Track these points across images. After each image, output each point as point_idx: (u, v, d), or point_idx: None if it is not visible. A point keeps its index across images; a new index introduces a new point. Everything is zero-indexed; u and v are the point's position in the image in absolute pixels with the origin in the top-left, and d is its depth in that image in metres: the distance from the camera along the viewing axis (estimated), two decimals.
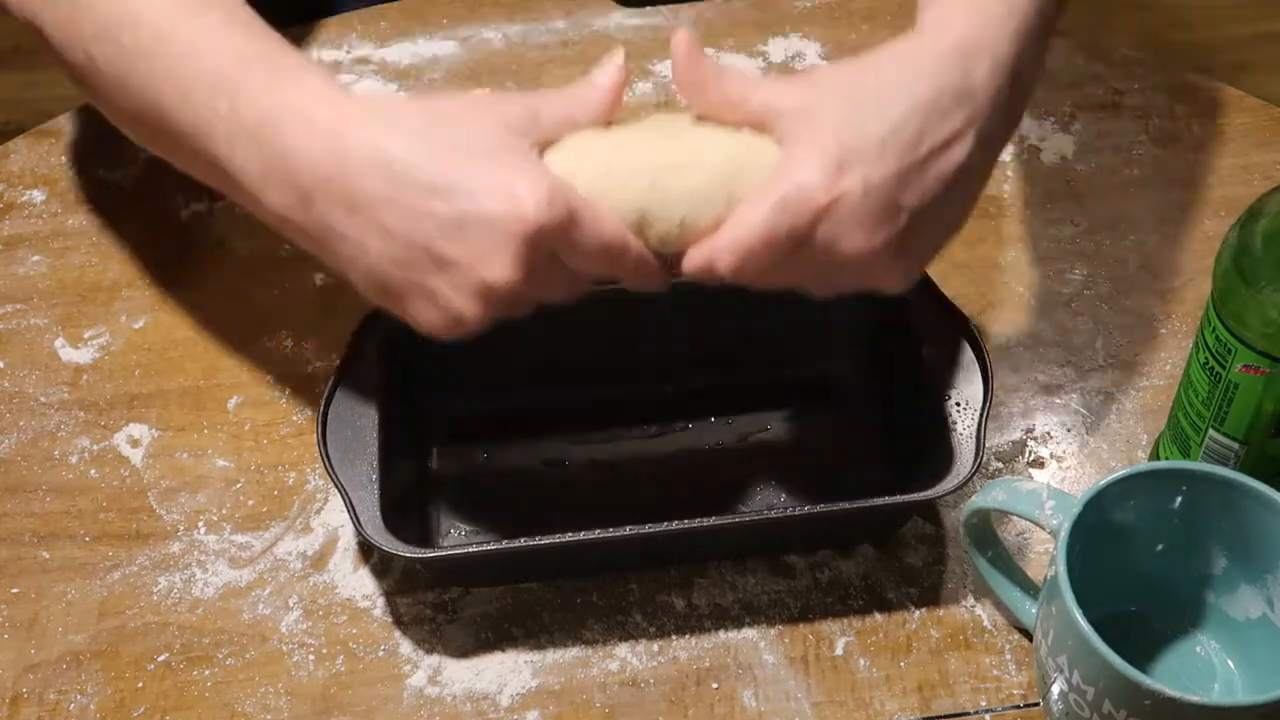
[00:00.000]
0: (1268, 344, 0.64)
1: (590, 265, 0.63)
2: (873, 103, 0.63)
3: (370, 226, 0.62)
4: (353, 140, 0.62)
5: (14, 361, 0.84)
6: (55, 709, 0.71)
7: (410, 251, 0.62)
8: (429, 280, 0.62)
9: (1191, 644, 0.69)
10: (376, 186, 0.62)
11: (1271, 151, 0.93)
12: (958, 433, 0.72)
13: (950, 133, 0.63)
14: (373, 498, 0.71)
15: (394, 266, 0.63)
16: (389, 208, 0.62)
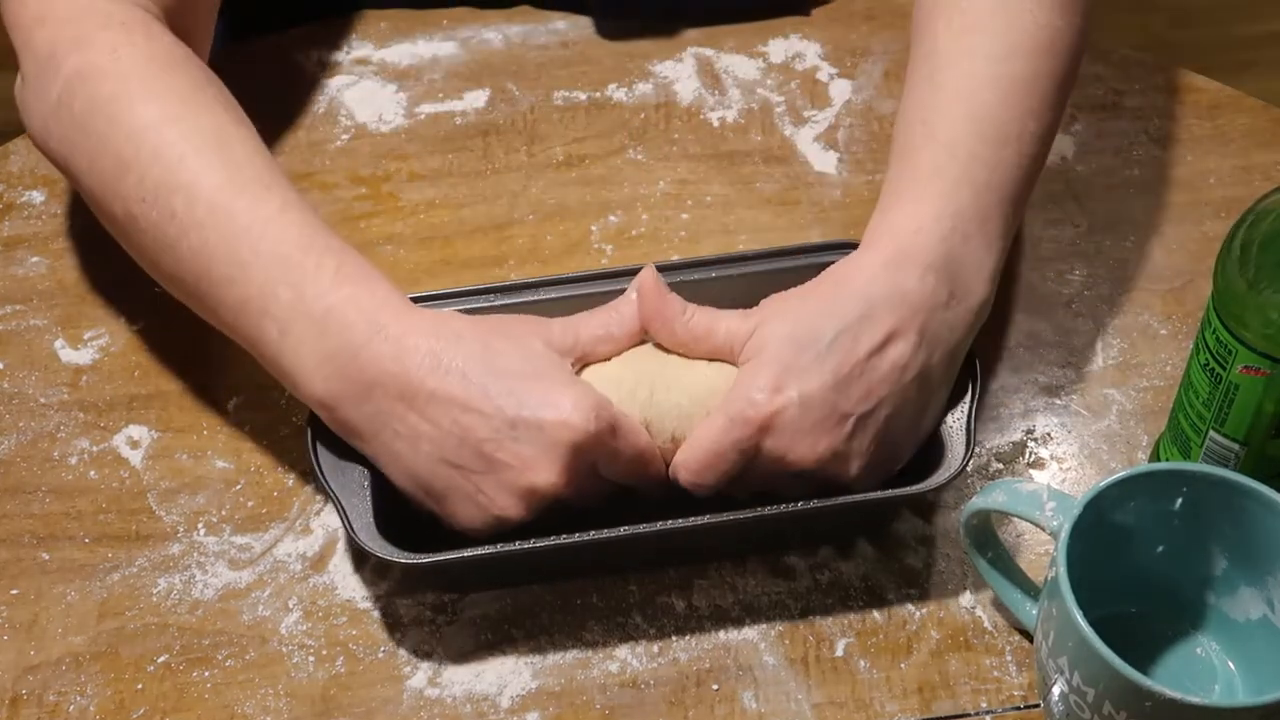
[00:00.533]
0: (1268, 345, 0.64)
1: (623, 473, 0.69)
2: (809, 321, 0.69)
3: (425, 425, 0.67)
4: (417, 346, 0.68)
5: (14, 362, 0.84)
6: (55, 710, 0.71)
7: (462, 450, 0.67)
8: (476, 479, 0.67)
9: (1192, 645, 0.69)
10: (438, 388, 0.67)
11: (1271, 151, 0.93)
12: (948, 425, 0.73)
13: (883, 336, 0.69)
14: (365, 504, 0.71)
15: (443, 465, 0.68)
16: (447, 409, 0.67)
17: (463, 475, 0.68)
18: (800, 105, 0.96)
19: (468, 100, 0.97)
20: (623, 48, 1.00)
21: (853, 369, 0.69)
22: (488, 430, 0.67)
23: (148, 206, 0.73)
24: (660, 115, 0.96)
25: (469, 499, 0.68)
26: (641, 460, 0.69)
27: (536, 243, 0.89)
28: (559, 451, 0.66)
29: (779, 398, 0.68)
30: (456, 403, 0.67)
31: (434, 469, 0.68)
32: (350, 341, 0.68)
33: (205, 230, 0.71)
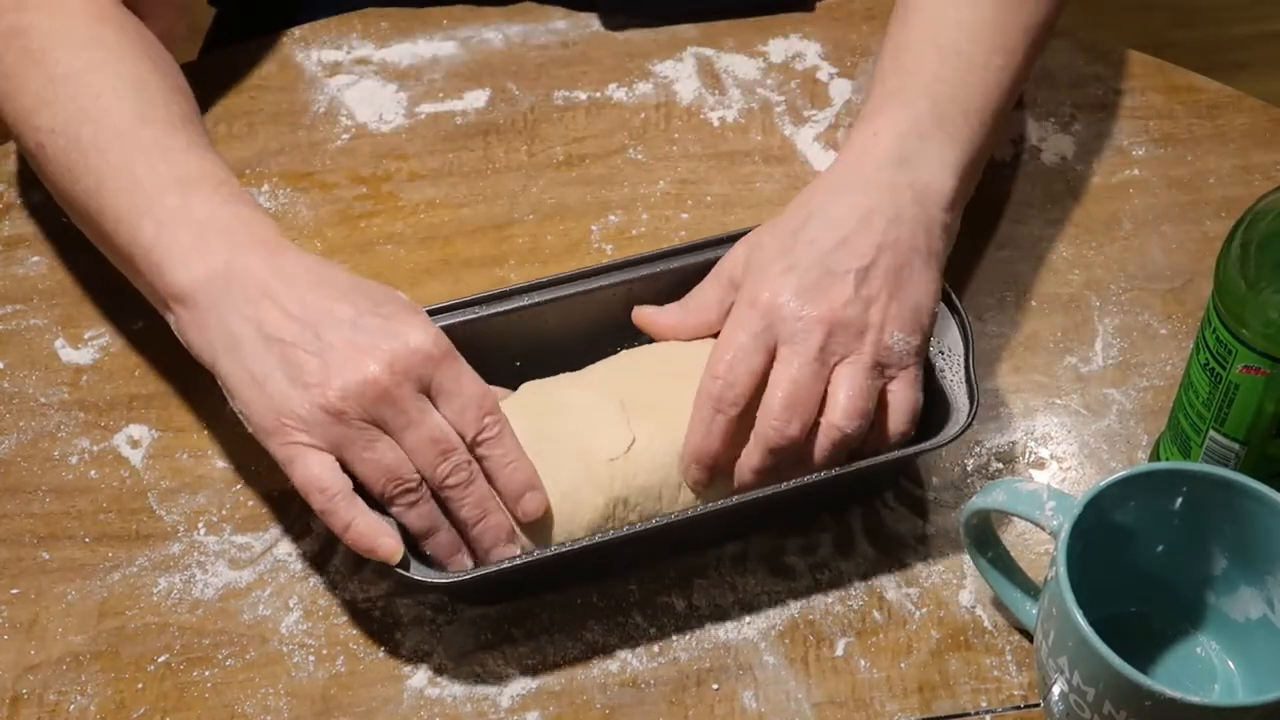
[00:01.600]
0: (1268, 344, 0.64)
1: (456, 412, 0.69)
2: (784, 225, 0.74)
3: (274, 311, 0.70)
4: (290, 259, 0.72)
5: (14, 362, 0.84)
6: (55, 710, 0.71)
7: (304, 331, 0.69)
8: (304, 358, 0.69)
9: (1192, 645, 0.69)
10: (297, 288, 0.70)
11: (1271, 151, 0.93)
12: (948, 380, 0.74)
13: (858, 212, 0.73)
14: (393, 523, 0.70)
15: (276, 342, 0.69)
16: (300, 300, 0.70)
17: (294, 352, 0.69)
18: (800, 105, 0.96)
19: (468, 100, 0.97)
20: (623, 47, 1.00)
21: (835, 242, 0.72)
22: (332, 320, 0.69)
23: (56, 136, 0.77)
24: (660, 115, 0.96)
25: (293, 378, 0.68)
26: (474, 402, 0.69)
27: (536, 242, 0.89)
28: (386, 356, 0.68)
29: (775, 279, 0.71)
30: (309, 299, 0.70)
31: (268, 346, 0.69)
32: (227, 244, 0.72)
33: (106, 152, 0.76)
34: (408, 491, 0.69)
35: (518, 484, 0.70)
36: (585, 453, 0.72)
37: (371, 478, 0.69)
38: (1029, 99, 0.96)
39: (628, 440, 0.72)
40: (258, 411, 0.69)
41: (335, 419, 0.68)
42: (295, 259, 0.72)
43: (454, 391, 0.69)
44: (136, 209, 0.74)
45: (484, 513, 0.70)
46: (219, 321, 0.71)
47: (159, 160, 0.75)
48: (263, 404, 0.69)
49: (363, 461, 0.68)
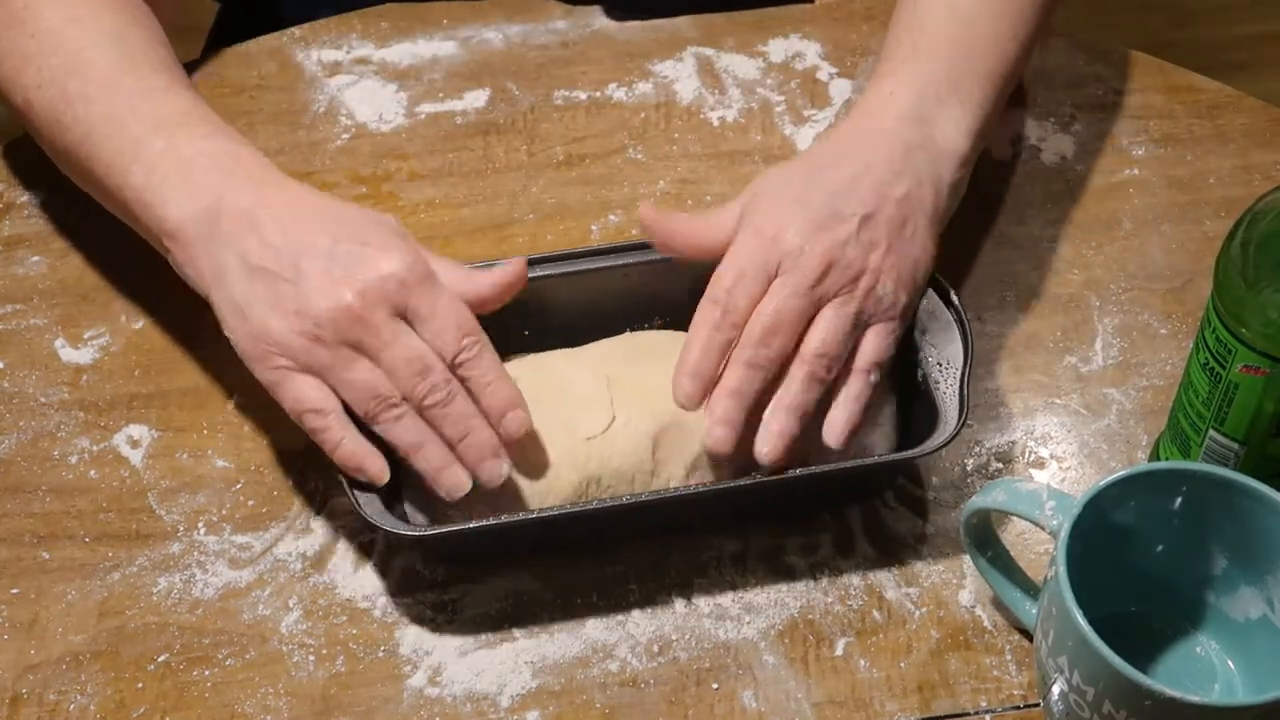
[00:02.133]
0: (1268, 344, 0.64)
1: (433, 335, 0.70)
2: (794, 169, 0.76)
3: (257, 244, 0.72)
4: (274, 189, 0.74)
5: (14, 361, 0.84)
6: (55, 709, 0.71)
7: (282, 260, 0.71)
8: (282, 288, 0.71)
9: (1191, 644, 0.69)
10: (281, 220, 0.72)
11: (1271, 151, 0.93)
12: (941, 392, 0.74)
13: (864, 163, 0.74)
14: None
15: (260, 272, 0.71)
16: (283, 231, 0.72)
17: (274, 280, 0.71)
18: (800, 105, 0.96)
19: (468, 100, 0.97)
20: (623, 47, 1.00)
21: (846, 185, 0.74)
22: (310, 250, 0.71)
23: (43, 91, 0.80)
24: (660, 115, 0.96)
25: (273, 306, 0.71)
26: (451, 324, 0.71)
27: (536, 242, 0.89)
28: (365, 271, 0.70)
29: (783, 213, 0.73)
30: (290, 229, 0.72)
31: (251, 276, 0.71)
32: (213, 179, 0.74)
33: (92, 102, 0.79)
34: (389, 407, 0.70)
35: (500, 402, 0.71)
36: (565, 429, 0.73)
37: (353, 398, 0.70)
38: (1029, 99, 0.96)
39: (607, 420, 0.72)
40: (243, 338, 0.72)
41: (314, 343, 0.70)
42: (279, 190, 0.74)
43: (430, 315, 0.71)
44: (126, 154, 0.76)
45: (467, 429, 0.70)
46: (209, 255, 0.73)
47: (142, 104, 0.78)
48: (245, 331, 0.71)
49: (343, 384, 0.70)
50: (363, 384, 0.70)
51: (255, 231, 0.72)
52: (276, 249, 0.71)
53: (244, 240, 0.72)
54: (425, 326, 0.71)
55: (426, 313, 0.71)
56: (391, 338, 0.70)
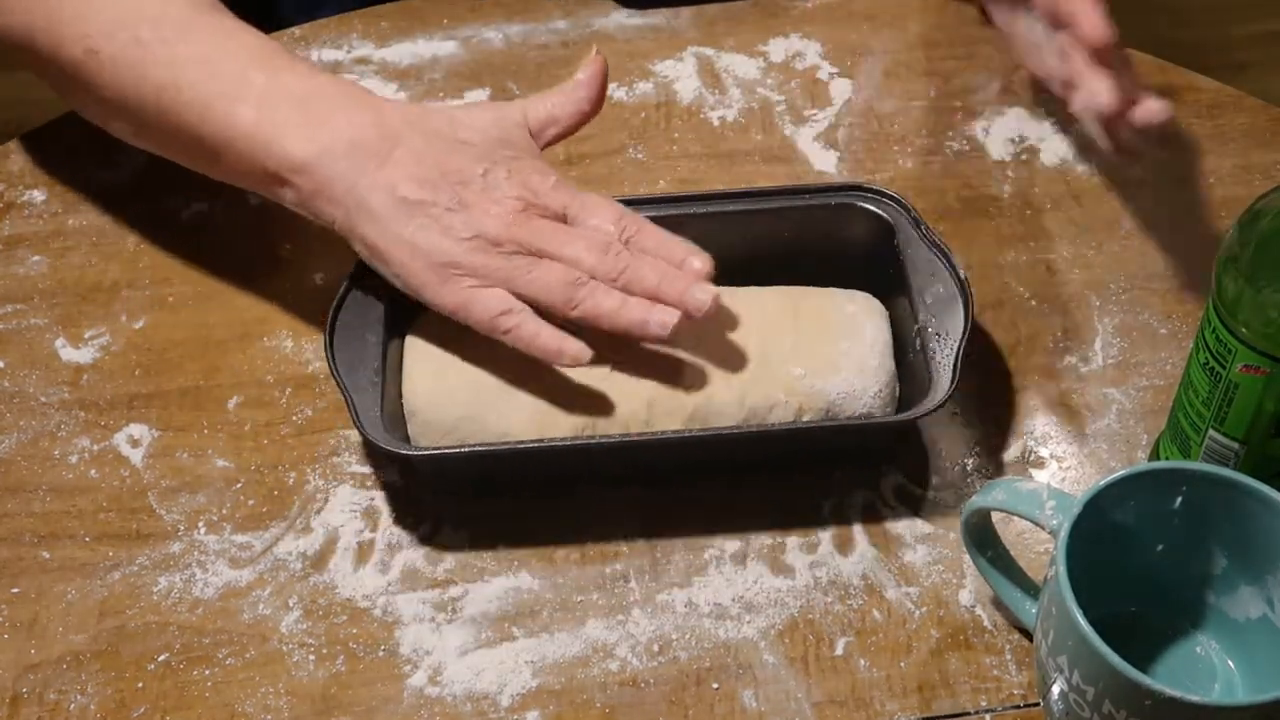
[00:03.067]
0: (1268, 344, 0.64)
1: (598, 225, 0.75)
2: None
3: (402, 171, 0.74)
4: (395, 116, 0.76)
5: (14, 361, 0.84)
6: (55, 709, 0.71)
7: (437, 192, 0.73)
8: (445, 215, 0.73)
9: (1191, 644, 0.69)
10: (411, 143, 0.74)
11: (1271, 151, 0.93)
12: (937, 363, 0.75)
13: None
14: (375, 400, 0.74)
15: (416, 187, 0.73)
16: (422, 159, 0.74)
17: (436, 211, 0.73)
18: (800, 104, 0.96)
19: (468, 99, 0.97)
20: (623, 47, 1.00)
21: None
22: (461, 177, 0.74)
23: (108, 40, 0.78)
24: (660, 114, 0.96)
25: (445, 233, 0.73)
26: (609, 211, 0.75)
27: None
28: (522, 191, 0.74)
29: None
30: (432, 157, 0.74)
31: (409, 210, 0.73)
32: (332, 110, 0.75)
33: (172, 45, 0.78)
34: (581, 285, 0.73)
35: (679, 253, 0.75)
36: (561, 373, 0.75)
37: (546, 290, 0.73)
38: (1029, 99, 0.96)
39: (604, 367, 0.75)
40: (418, 269, 0.73)
41: (497, 256, 0.73)
42: (400, 116, 0.76)
43: (585, 209, 0.75)
44: (226, 94, 0.76)
45: (659, 276, 0.74)
46: (348, 190, 0.74)
47: (226, 43, 0.78)
48: (421, 262, 0.73)
49: (532, 283, 0.73)
50: (552, 276, 0.73)
51: (397, 165, 0.74)
52: (428, 181, 0.74)
53: (387, 174, 0.74)
54: (586, 220, 0.75)
55: (580, 210, 0.75)
56: (567, 234, 0.74)
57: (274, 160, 0.75)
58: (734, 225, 0.80)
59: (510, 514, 0.77)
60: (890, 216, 0.80)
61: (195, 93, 0.76)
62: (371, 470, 0.79)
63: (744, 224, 0.81)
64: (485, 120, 0.77)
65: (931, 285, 0.78)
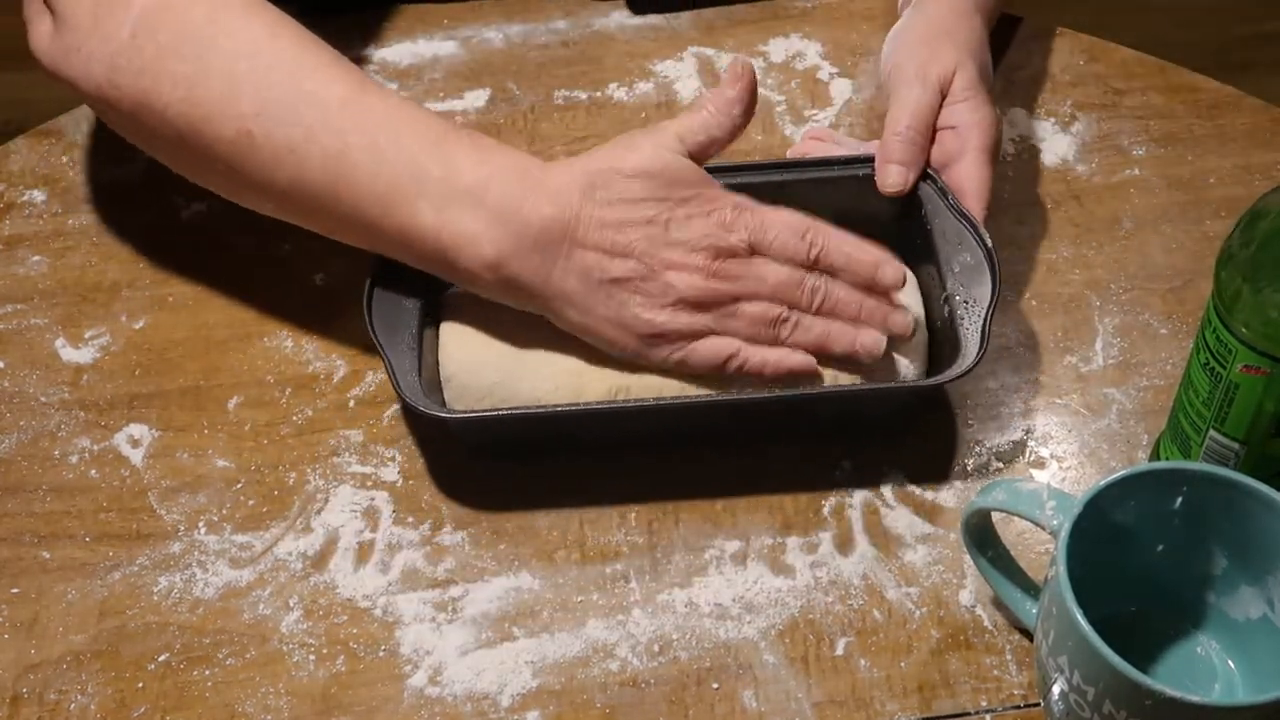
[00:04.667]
0: (1268, 344, 0.64)
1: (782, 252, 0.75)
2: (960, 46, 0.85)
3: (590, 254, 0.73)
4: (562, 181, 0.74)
5: (14, 361, 0.84)
6: (55, 709, 0.71)
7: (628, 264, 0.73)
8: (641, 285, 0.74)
9: (1192, 644, 0.69)
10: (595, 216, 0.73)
11: (1271, 151, 0.93)
12: (965, 329, 0.77)
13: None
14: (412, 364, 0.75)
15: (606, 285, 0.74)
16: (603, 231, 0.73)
17: (632, 284, 0.74)
18: (801, 104, 0.96)
19: (468, 99, 0.97)
20: (624, 47, 1.00)
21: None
22: (646, 240, 0.74)
23: (265, 120, 0.74)
24: (661, 114, 0.96)
25: (645, 304, 0.74)
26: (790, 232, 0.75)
27: None
28: (705, 244, 0.74)
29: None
30: (610, 225, 0.73)
31: (606, 291, 0.74)
32: (510, 202, 0.73)
33: (343, 133, 0.74)
34: (783, 322, 0.75)
35: (866, 267, 0.76)
36: None
37: (752, 331, 0.75)
38: (1029, 99, 0.96)
39: None
40: (630, 343, 0.75)
41: (699, 311, 0.74)
42: (567, 180, 0.74)
43: (771, 237, 0.75)
44: (403, 190, 0.73)
45: (858, 304, 0.76)
46: (544, 282, 0.74)
47: (399, 130, 0.74)
48: (631, 336, 0.75)
49: (738, 323, 0.75)
50: (754, 317, 0.75)
51: (582, 245, 0.73)
52: (617, 254, 0.73)
53: (578, 259, 0.73)
54: (770, 248, 0.75)
55: (767, 236, 0.75)
56: (760, 272, 0.75)
57: (464, 261, 0.74)
58: (764, 197, 0.81)
59: (511, 514, 0.77)
60: (917, 187, 0.82)
61: (370, 188, 0.73)
62: (372, 470, 0.79)
63: (774, 196, 0.81)
64: (646, 161, 0.74)
65: (959, 254, 0.79)
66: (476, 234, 0.73)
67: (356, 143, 0.73)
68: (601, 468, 0.79)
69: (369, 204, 0.74)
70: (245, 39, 0.75)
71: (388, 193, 0.73)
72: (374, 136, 0.74)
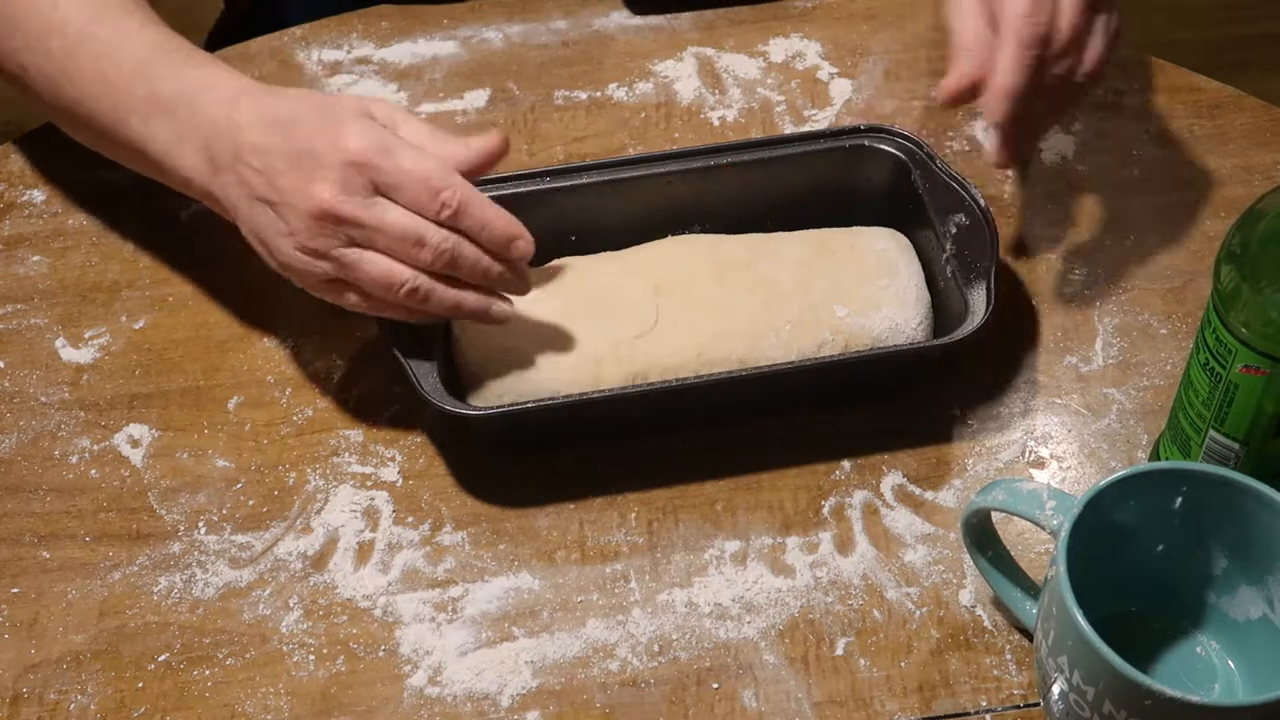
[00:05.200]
0: (1268, 344, 0.64)
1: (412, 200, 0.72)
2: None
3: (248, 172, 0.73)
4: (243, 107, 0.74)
5: (14, 361, 0.84)
6: (55, 709, 0.71)
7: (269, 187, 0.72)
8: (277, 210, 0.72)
9: (1191, 644, 0.69)
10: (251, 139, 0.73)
11: (1271, 151, 0.93)
12: (970, 289, 0.78)
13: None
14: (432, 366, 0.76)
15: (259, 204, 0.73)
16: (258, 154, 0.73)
17: (265, 208, 0.73)
18: (801, 105, 0.96)
19: (468, 100, 0.97)
20: (623, 47, 1.00)
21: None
22: (279, 166, 0.72)
23: (31, 53, 0.81)
24: (661, 114, 0.96)
25: (277, 231, 0.73)
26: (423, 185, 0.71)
27: None
28: (327, 171, 0.71)
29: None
30: (259, 148, 0.73)
31: (252, 207, 0.74)
32: (195, 117, 0.75)
33: (77, 59, 0.79)
34: (411, 291, 0.73)
35: (500, 239, 0.74)
36: (611, 327, 0.77)
37: (373, 291, 0.73)
38: None
39: (652, 320, 0.77)
40: (276, 268, 0.75)
41: (314, 256, 0.73)
42: (249, 106, 0.74)
43: (400, 183, 0.72)
44: (121, 107, 0.78)
45: (484, 271, 0.74)
46: (223, 194, 0.75)
47: (118, 50, 0.79)
48: (271, 259, 0.75)
49: (362, 283, 0.73)
50: (377, 277, 0.72)
51: (242, 161, 0.73)
52: (261, 174, 0.73)
53: (238, 172, 0.74)
54: (401, 195, 0.72)
55: (396, 181, 0.72)
56: (375, 220, 0.72)
57: (173, 177, 0.78)
58: (754, 174, 0.83)
59: (511, 514, 0.77)
60: (904, 154, 0.84)
61: (98, 106, 0.79)
62: (372, 470, 0.79)
63: (763, 173, 0.83)
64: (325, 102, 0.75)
65: (954, 216, 0.81)
66: (171, 150, 0.76)
67: (88, 68, 0.79)
68: (602, 468, 0.79)
69: (105, 125, 0.79)
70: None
71: (113, 112, 0.78)
72: (100, 62, 0.78)
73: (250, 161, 0.73)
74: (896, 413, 0.80)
